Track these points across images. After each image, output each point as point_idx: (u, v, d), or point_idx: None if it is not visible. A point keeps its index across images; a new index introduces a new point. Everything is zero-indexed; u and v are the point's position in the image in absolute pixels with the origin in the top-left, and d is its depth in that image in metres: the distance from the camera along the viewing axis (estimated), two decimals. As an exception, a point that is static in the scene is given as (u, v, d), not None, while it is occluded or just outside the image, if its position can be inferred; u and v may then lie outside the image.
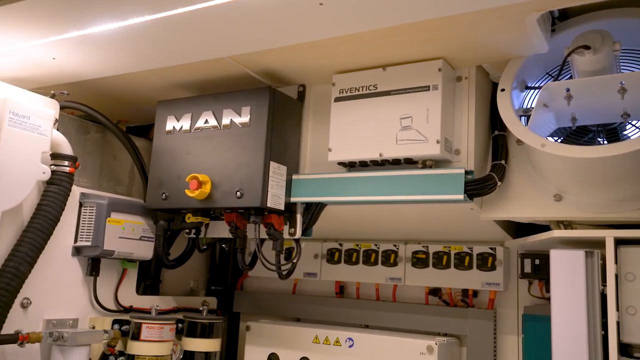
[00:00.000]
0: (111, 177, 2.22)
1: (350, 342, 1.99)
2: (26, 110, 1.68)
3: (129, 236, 2.03)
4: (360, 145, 1.77)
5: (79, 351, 1.78)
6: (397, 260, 2.16)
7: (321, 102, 1.95)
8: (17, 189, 1.65)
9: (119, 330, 1.97)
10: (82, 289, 1.97)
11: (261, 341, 2.16)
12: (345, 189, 1.79)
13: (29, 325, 1.78)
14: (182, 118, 1.99)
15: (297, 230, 1.94)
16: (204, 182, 1.87)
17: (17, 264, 1.66)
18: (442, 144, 1.63)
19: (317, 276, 2.33)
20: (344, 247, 2.30)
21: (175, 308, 2.27)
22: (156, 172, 2.01)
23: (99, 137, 2.18)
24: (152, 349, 1.92)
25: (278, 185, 1.85)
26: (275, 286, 2.49)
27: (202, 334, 2.10)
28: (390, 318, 2.16)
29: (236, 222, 1.94)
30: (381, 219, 2.06)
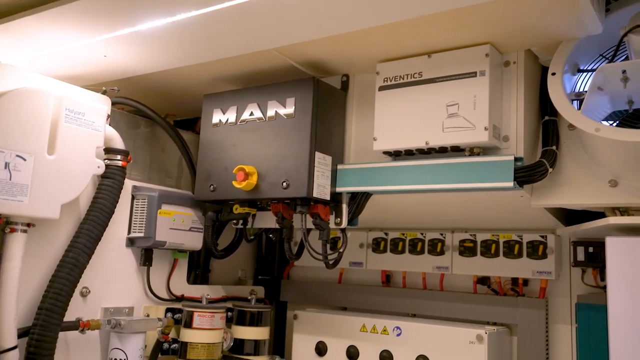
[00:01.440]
0: (161, 170, 2.28)
1: (398, 331, 1.99)
2: (81, 107, 1.74)
3: (179, 227, 2.08)
4: (405, 133, 1.75)
5: (135, 338, 1.85)
6: (444, 249, 2.15)
7: (365, 92, 1.95)
8: (74, 183, 1.72)
9: (172, 318, 2.03)
10: (137, 279, 2.04)
11: (309, 329, 2.19)
12: (391, 178, 1.78)
13: (89, 313, 1.86)
14: (228, 111, 2.02)
15: (343, 219, 1.95)
16: (251, 173, 1.90)
17: (77, 254, 1.73)
18: (490, 130, 1.60)
19: (363, 265, 2.33)
20: (389, 237, 2.29)
21: (225, 297, 2.33)
22: (204, 165, 2.06)
23: (148, 131, 2.24)
24: (204, 336, 1.97)
25: (323, 175, 1.86)
26: (321, 275, 2.51)
27: (251, 322, 2.15)
28: (437, 307, 2.14)
29: (283, 213, 1.96)
30: (427, 208, 2.04)
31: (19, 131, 1.56)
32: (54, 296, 1.66)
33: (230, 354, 2.10)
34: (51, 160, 1.65)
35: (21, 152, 1.56)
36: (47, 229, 1.75)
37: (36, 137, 1.61)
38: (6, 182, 1.52)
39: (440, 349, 1.89)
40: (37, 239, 1.72)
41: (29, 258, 1.67)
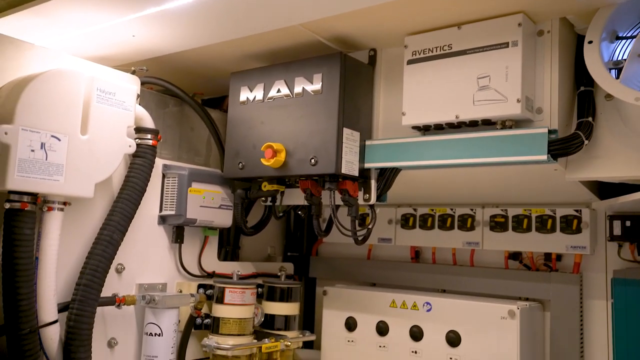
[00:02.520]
0: (190, 149, 2.30)
1: (428, 307, 1.99)
2: (111, 87, 1.76)
3: (209, 205, 2.10)
4: (435, 107, 1.73)
5: (169, 313, 1.90)
6: (475, 225, 2.13)
7: (393, 66, 1.92)
8: (107, 162, 1.75)
9: (204, 294, 2.07)
10: (169, 256, 2.08)
11: (338, 305, 2.20)
12: (420, 153, 1.76)
13: (124, 289, 1.91)
14: (255, 88, 2.02)
15: (372, 196, 1.94)
16: (279, 150, 1.90)
17: (111, 232, 1.76)
18: (523, 102, 1.57)
19: (391, 241, 2.33)
20: (418, 212, 2.28)
21: (255, 273, 2.36)
22: (232, 143, 2.07)
23: (177, 110, 2.26)
24: (236, 311, 2.00)
25: (352, 151, 1.86)
26: (350, 252, 2.52)
27: (281, 298, 2.17)
28: (468, 283, 2.14)
29: (311, 189, 1.97)
30: (457, 183, 2.02)
31: (52, 112, 1.59)
32: (91, 272, 1.71)
33: (262, 329, 2.14)
34: (84, 140, 1.67)
35: (56, 133, 1.59)
36: (82, 207, 1.79)
37: (69, 117, 1.64)
38: (42, 162, 1.56)
39: (471, 325, 1.89)
40: (73, 217, 1.76)
41: (66, 236, 1.71)
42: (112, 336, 1.87)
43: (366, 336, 2.10)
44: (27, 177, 1.53)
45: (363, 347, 2.10)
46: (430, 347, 1.95)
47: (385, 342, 2.06)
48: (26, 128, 1.53)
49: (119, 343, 1.89)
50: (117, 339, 1.88)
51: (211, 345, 1.94)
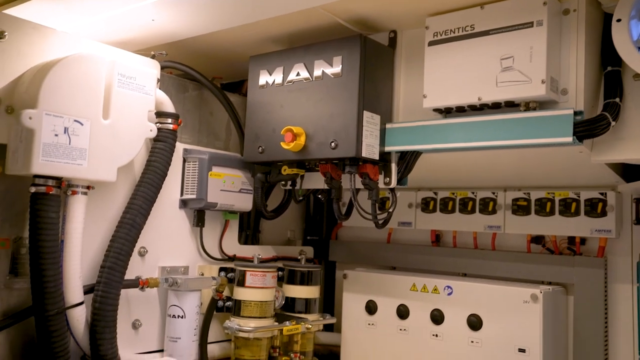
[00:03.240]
0: (210, 133, 2.31)
1: (449, 290, 1.98)
2: (132, 71, 1.77)
3: (229, 189, 2.11)
4: (457, 89, 1.70)
5: (191, 295, 1.92)
6: (496, 208, 2.10)
7: (414, 48, 1.89)
8: (129, 146, 1.76)
9: (225, 277, 2.09)
10: (190, 239, 2.09)
11: (358, 288, 2.21)
12: (442, 136, 1.74)
13: (147, 272, 1.93)
14: (275, 72, 2.01)
15: (392, 179, 1.93)
16: (299, 134, 1.89)
17: (134, 215, 1.78)
18: (548, 83, 1.53)
19: (412, 225, 2.32)
20: (439, 196, 2.26)
21: (275, 257, 2.37)
22: (252, 126, 2.07)
23: (197, 94, 2.27)
24: (257, 294, 2.02)
25: (372, 134, 1.84)
26: (370, 235, 2.52)
27: (301, 281, 2.18)
28: (489, 266, 2.12)
29: (331, 173, 1.96)
30: (478, 166, 2.00)
31: (75, 96, 1.60)
32: (115, 255, 1.73)
33: (282, 312, 2.15)
34: (106, 124, 1.69)
35: (78, 117, 1.61)
36: (105, 191, 1.81)
37: (91, 102, 1.65)
38: (66, 146, 1.57)
39: (493, 308, 1.88)
40: (96, 201, 1.78)
41: (90, 219, 1.74)
42: (137, 318, 1.91)
43: (386, 319, 2.11)
44: (52, 161, 1.55)
45: (383, 330, 2.11)
46: (451, 330, 1.95)
47: (405, 326, 2.06)
48: (50, 113, 1.54)
49: (143, 324, 1.92)
50: (141, 320, 1.92)
51: (233, 327, 1.96)
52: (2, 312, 1.64)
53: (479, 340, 1.89)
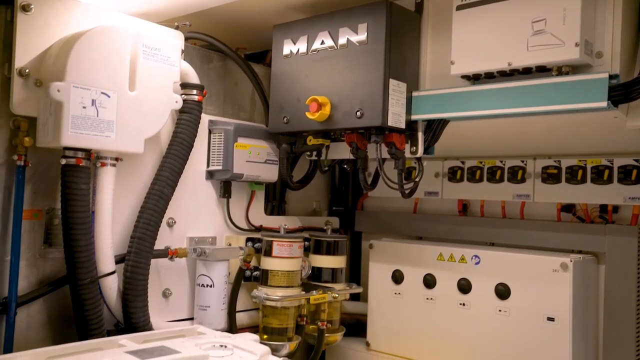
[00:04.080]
0: (234, 104, 2.30)
1: (476, 260, 1.97)
2: (156, 42, 1.76)
3: (255, 160, 2.12)
4: (486, 55, 1.66)
5: (219, 265, 1.95)
6: (525, 177, 2.07)
7: (441, 13, 1.84)
8: (155, 117, 1.77)
9: (252, 247, 2.11)
10: (217, 210, 2.12)
11: (384, 258, 2.21)
12: (470, 103, 1.71)
13: (176, 242, 1.96)
14: (299, 41, 1.99)
15: (419, 148, 1.91)
16: (324, 103, 1.88)
17: (161, 187, 1.80)
18: (582, 46, 1.48)
19: (438, 195, 2.30)
20: (466, 165, 2.23)
21: (301, 227, 2.38)
22: (276, 97, 2.06)
23: (221, 65, 2.26)
24: (284, 264, 2.04)
25: (398, 103, 1.82)
26: (396, 206, 2.51)
27: (327, 251, 2.20)
28: (517, 236, 2.10)
29: (357, 143, 1.95)
30: (508, 134, 1.96)
31: (101, 68, 1.61)
32: (144, 226, 1.76)
33: (309, 281, 2.17)
34: (132, 96, 1.70)
35: (105, 89, 1.62)
36: (133, 163, 1.83)
37: (117, 73, 1.65)
38: (94, 118, 1.59)
39: (521, 278, 1.86)
40: (124, 172, 1.81)
41: (119, 191, 1.76)
42: (167, 287, 1.95)
43: (413, 289, 2.11)
44: (80, 133, 1.56)
45: (410, 299, 2.12)
46: (479, 299, 1.95)
47: (432, 295, 2.06)
48: (77, 85, 1.55)
49: (173, 293, 1.96)
50: (171, 289, 1.96)
51: (261, 296, 1.99)
52: (39, 281, 1.69)
53: (507, 309, 1.88)
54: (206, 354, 1.34)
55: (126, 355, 1.27)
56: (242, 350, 1.42)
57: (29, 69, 1.59)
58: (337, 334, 2.20)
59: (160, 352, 1.32)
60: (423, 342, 2.06)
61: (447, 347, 2.00)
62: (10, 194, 1.63)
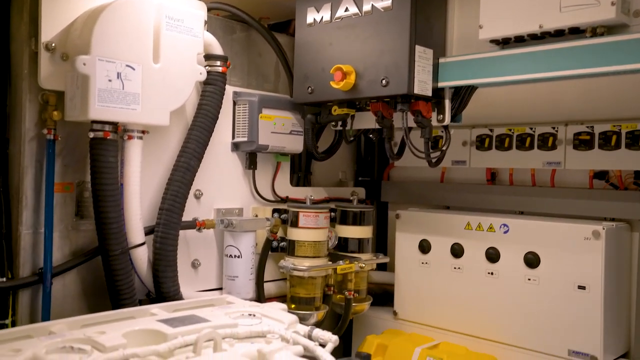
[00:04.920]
0: (258, 75, 2.29)
1: (505, 228, 1.94)
2: (179, 13, 1.75)
3: (280, 131, 2.11)
4: (515, 18, 1.61)
5: (247, 236, 1.96)
6: (556, 144, 2.02)
7: (469, -25, 1.79)
8: (180, 89, 1.77)
9: (279, 218, 2.12)
10: (243, 182, 2.13)
11: (411, 228, 2.20)
12: (499, 68, 1.67)
13: (203, 213, 1.98)
14: (322, 8, 1.95)
15: (446, 116, 1.88)
16: (348, 72, 1.85)
17: (188, 159, 1.81)
18: (618, 5, 1.42)
19: (466, 164, 2.27)
20: (495, 133, 2.19)
21: (327, 198, 2.38)
22: (300, 67, 2.03)
23: (244, 36, 2.24)
24: (310, 235, 2.04)
25: (424, 70, 1.78)
26: (422, 175, 2.48)
27: (354, 221, 2.20)
28: (547, 204, 2.06)
29: (382, 112, 1.92)
30: (538, 100, 1.92)
31: (125, 41, 1.61)
32: (172, 197, 1.78)
33: (336, 251, 2.18)
34: (157, 68, 1.69)
35: (130, 62, 1.62)
36: (159, 135, 1.85)
37: (141, 46, 1.65)
38: (120, 91, 1.60)
39: (551, 246, 1.83)
40: (151, 145, 1.82)
41: (146, 163, 1.78)
42: (196, 257, 1.98)
43: (440, 258, 2.10)
44: (107, 106, 1.58)
45: (437, 268, 2.11)
46: (507, 268, 1.93)
47: (460, 264, 2.05)
48: (102, 58, 1.56)
49: (201, 264, 1.99)
50: (200, 260, 1.99)
51: (288, 266, 2.00)
52: (72, 252, 1.73)
53: (536, 278, 1.86)
54: (235, 323, 1.36)
55: (158, 324, 1.30)
56: (270, 319, 1.44)
57: (55, 43, 1.60)
58: (365, 303, 2.21)
59: (191, 321, 1.34)
60: (451, 310, 2.06)
61: (475, 316, 2.00)
62: (41, 168, 1.67)
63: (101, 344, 1.15)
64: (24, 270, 1.65)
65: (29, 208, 1.66)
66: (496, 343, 1.94)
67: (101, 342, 1.15)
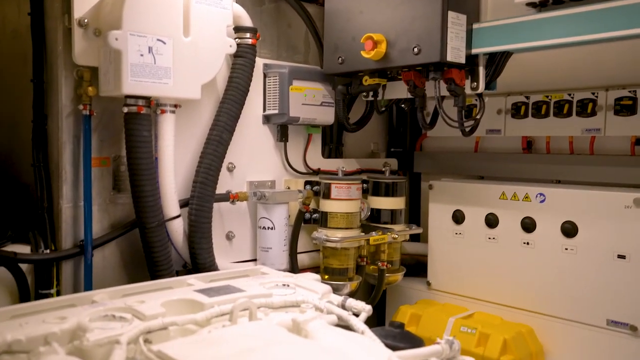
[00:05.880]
0: (288, 47, 2.27)
1: (541, 197, 1.90)
2: (208, -15, 1.74)
3: (310, 102, 2.10)
4: (554, -22, 1.54)
5: (279, 208, 1.98)
6: (596, 110, 1.95)
7: None
8: (210, 63, 1.77)
9: (311, 190, 2.12)
10: (275, 154, 2.13)
11: (445, 199, 2.18)
12: (537, 32, 1.61)
13: (236, 186, 2.00)
14: (352, -25, 1.91)
15: (480, 84, 1.83)
16: (379, 41, 1.82)
17: (220, 132, 1.83)
18: (666, -40, 1.34)
19: (501, 132, 2.22)
20: (531, 100, 2.13)
21: (359, 170, 2.37)
22: (331, 37, 2.01)
23: (273, 7, 2.21)
24: (342, 206, 2.04)
25: (458, 36, 1.73)
26: (456, 145, 2.44)
27: (386, 192, 2.19)
28: (586, 172, 2.00)
29: (414, 81, 1.89)
30: (577, 65, 1.85)
31: (156, 15, 1.61)
32: (205, 170, 1.80)
33: (368, 223, 2.18)
34: (187, 42, 1.70)
35: (161, 36, 1.62)
36: (191, 109, 1.86)
37: (172, 19, 1.65)
38: (152, 65, 1.61)
39: (590, 215, 1.79)
40: (184, 119, 1.84)
41: (179, 137, 1.80)
42: (230, 229, 2.00)
43: (474, 228, 2.07)
44: (140, 81, 1.59)
45: (471, 239, 2.09)
46: (544, 238, 1.89)
47: (494, 234, 2.02)
48: (134, 33, 1.57)
49: (235, 236, 2.02)
50: (234, 232, 2.01)
51: (321, 237, 2.01)
52: (110, 225, 1.78)
53: (574, 247, 1.82)
54: (270, 293, 1.38)
55: (195, 293, 1.33)
56: (304, 289, 1.45)
57: (87, 18, 1.62)
58: (398, 274, 2.21)
59: (227, 291, 1.36)
60: (485, 280, 2.05)
61: (510, 286, 1.98)
62: (79, 143, 1.70)
63: (141, 312, 1.18)
64: (66, 242, 1.70)
65: (69, 182, 1.70)
66: (532, 313, 1.92)
67: (141, 311, 1.18)
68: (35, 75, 1.72)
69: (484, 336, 1.83)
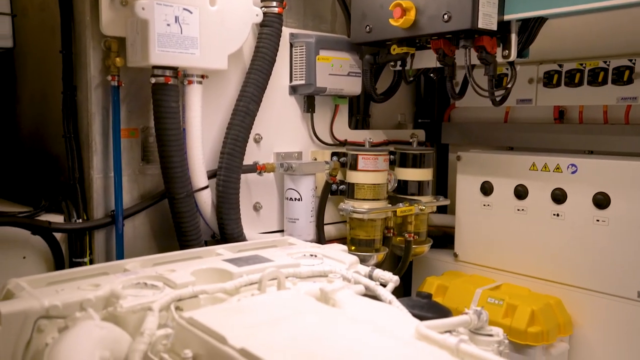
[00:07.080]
0: (315, 16, 2.24)
1: (573, 169, 1.86)
2: (233, -47, 1.72)
3: (337, 73, 2.08)
4: (592, -61, 1.47)
5: (306, 179, 1.98)
6: (633, 77, 1.89)
7: None
8: (237, 32, 1.76)
9: (337, 161, 2.11)
10: (302, 125, 2.12)
11: (473, 170, 2.15)
12: (573, -4, 1.55)
13: (263, 157, 2.01)
14: (380, -60, 1.86)
15: (512, 51, 1.78)
16: (408, 8, 1.78)
17: (247, 103, 1.82)
18: None
19: (532, 102, 2.17)
20: (564, 68, 2.06)
21: (386, 141, 2.35)
22: (358, 4, 1.97)
23: (299, -26, 2.18)
24: (369, 177, 2.03)
25: (489, 2, 1.68)
26: (485, 115, 2.40)
27: (413, 164, 2.17)
28: (620, 142, 1.95)
29: (444, 49, 1.85)
30: (614, 31, 1.78)
31: (181, -16, 1.60)
32: (232, 142, 1.80)
33: (395, 194, 2.17)
34: (214, 11, 1.68)
35: (187, 5, 1.61)
36: (218, 79, 1.86)
37: (197, -12, 1.64)
38: (178, 35, 1.60)
39: (623, 185, 1.75)
40: (210, 90, 1.84)
41: (206, 108, 1.80)
42: (257, 200, 2.02)
43: (503, 200, 2.05)
44: (167, 51, 1.59)
45: (500, 210, 2.06)
46: (575, 209, 1.86)
47: (524, 206, 1.99)
48: (160, 2, 1.56)
49: (263, 207, 2.03)
50: (261, 203, 2.02)
51: (348, 209, 2.01)
52: (140, 195, 1.80)
53: (606, 219, 1.79)
54: (298, 263, 1.39)
55: (224, 263, 1.35)
56: (331, 260, 1.46)
57: (114, -12, 1.61)
58: (424, 246, 2.21)
59: (255, 260, 1.38)
60: (513, 252, 2.03)
61: (539, 257, 1.95)
62: (107, 114, 1.72)
63: (172, 281, 1.20)
64: (97, 212, 1.74)
65: (99, 153, 1.72)
66: (560, 285, 1.90)
67: (172, 279, 1.20)
68: (64, 46, 1.73)
69: (512, 307, 1.82)
